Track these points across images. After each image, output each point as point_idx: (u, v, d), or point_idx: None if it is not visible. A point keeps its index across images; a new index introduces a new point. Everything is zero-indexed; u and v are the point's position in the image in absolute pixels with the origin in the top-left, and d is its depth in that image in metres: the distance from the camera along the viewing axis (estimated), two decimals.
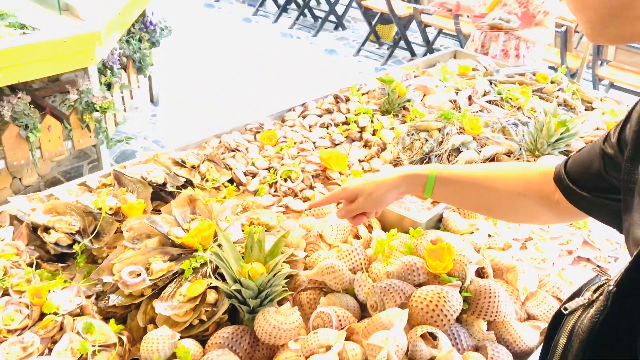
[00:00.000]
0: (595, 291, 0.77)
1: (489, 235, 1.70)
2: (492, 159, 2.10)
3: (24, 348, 1.24)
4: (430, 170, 1.30)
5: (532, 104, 2.44)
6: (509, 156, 2.12)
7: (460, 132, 2.18)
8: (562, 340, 0.77)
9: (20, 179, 3.98)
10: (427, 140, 2.14)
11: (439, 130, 2.18)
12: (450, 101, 2.48)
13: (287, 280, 1.42)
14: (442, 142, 2.13)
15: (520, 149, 2.14)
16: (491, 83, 2.70)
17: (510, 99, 2.51)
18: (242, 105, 5.68)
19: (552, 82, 2.69)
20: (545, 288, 1.52)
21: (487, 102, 2.53)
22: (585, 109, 2.61)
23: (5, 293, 1.39)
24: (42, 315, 1.34)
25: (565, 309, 0.80)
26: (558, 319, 0.81)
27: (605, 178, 0.98)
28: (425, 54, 6.91)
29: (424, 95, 2.54)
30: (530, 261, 1.60)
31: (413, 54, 7.13)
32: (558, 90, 2.64)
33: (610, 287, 0.71)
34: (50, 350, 1.25)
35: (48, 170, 4.18)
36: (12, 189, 3.92)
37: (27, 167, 3.76)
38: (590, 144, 1.08)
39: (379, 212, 1.47)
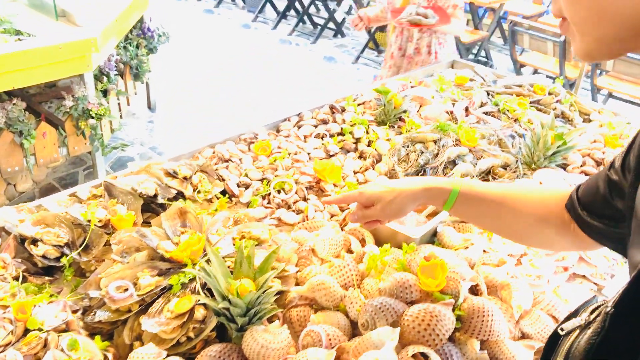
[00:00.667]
0: (592, 312, 0.76)
1: (484, 251, 1.68)
2: (488, 172, 2.08)
3: None
4: (453, 185, 1.26)
5: (529, 116, 2.43)
6: (505, 169, 2.10)
7: (457, 144, 2.16)
8: None
9: (14, 185, 3.95)
10: (422, 152, 2.12)
11: (435, 142, 2.16)
12: (447, 112, 2.46)
13: (277, 296, 1.39)
14: (437, 154, 2.11)
15: (517, 161, 2.12)
16: (488, 94, 2.69)
17: (508, 110, 2.49)
18: (240, 110, 5.67)
19: (549, 94, 2.68)
20: (540, 306, 1.49)
21: (484, 113, 2.51)
22: (583, 121, 2.59)
23: None
24: (27, 331, 1.31)
25: (562, 329, 0.78)
26: (554, 339, 0.79)
27: (612, 205, 0.96)
28: None
29: (420, 106, 2.52)
30: (525, 278, 1.57)
31: None
32: (556, 102, 2.62)
33: (608, 309, 0.69)
34: None
35: (43, 177, 4.15)
36: (6, 195, 3.90)
37: (22, 173, 3.74)
38: (600, 170, 1.05)
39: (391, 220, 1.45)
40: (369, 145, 2.23)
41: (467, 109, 2.52)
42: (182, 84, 6.21)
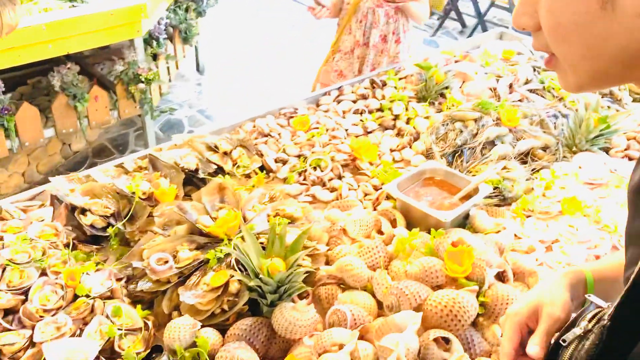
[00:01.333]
0: (590, 320, 0.77)
1: (515, 236, 1.69)
2: (527, 154, 2.06)
3: (57, 328, 1.33)
4: (584, 272, 1.09)
5: (575, 95, 2.36)
6: (545, 151, 2.08)
7: (497, 123, 2.13)
8: None
9: (69, 145, 4.14)
10: (461, 132, 2.11)
11: (475, 120, 2.15)
12: (490, 89, 2.43)
13: (307, 274, 1.45)
14: (476, 134, 2.10)
15: (558, 143, 2.09)
16: (535, 70, 2.62)
17: (553, 88, 2.44)
18: (283, 79, 5.68)
19: None
20: None
21: (528, 90, 2.46)
22: (633, 101, 2.51)
23: (43, 273, 1.48)
24: (75, 296, 1.42)
25: (564, 340, 0.80)
26: (555, 350, 0.81)
27: None
28: (476, 27, 6.71)
29: (463, 82, 2.49)
30: (555, 264, 1.58)
31: (464, 25, 6.94)
32: None
33: (605, 322, 0.71)
34: (81, 331, 1.33)
35: (95, 137, 4.33)
36: (62, 154, 4.10)
37: (76, 134, 3.91)
38: None
39: None
40: (407, 123, 2.23)
41: (511, 86, 2.48)
42: (230, 48, 6.26)
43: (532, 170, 1.98)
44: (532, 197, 1.81)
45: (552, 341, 0.89)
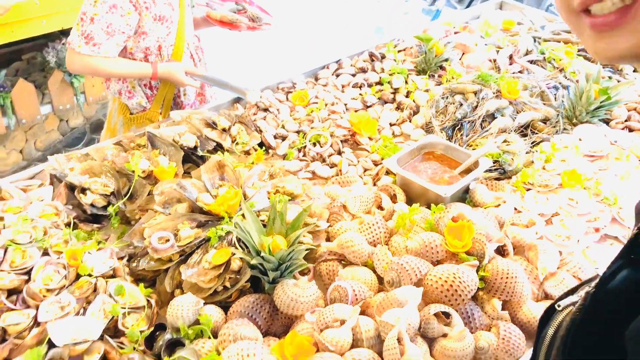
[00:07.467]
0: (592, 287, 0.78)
1: (515, 209, 1.69)
2: (527, 126, 2.05)
3: (61, 307, 1.34)
4: None
5: (576, 66, 2.34)
6: (545, 123, 2.07)
7: (497, 95, 2.12)
8: (550, 332, 0.79)
9: (67, 121, 4.11)
10: (461, 105, 2.10)
11: (475, 93, 2.13)
12: (490, 60, 2.40)
13: (307, 251, 1.46)
14: (476, 106, 2.09)
15: (558, 115, 2.08)
16: (535, 40, 2.60)
17: (554, 59, 2.42)
18: (284, 51, 5.60)
19: None
20: (566, 267, 1.51)
21: (529, 61, 2.44)
22: (634, 71, 2.49)
23: (45, 253, 1.48)
24: (78, 276, 1.43)
25: (559, 305, 0.81)
26: (549, 314, 0.82)
27: None
28: None
29: (463, 53, 2.46)
30: (555, 238, 1.59)
31: None
32: None
33: (590, 288, 0.72)
34: (85, 310, 1.35)
35: (93, 113, 4.29)
36: (60, 131, 4.07)
37: (73, 110, 3.88)
38: None
39: None
40: (407, 96, 2.22)
41: (511, 57, 2.45)
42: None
43: (532, 143, 1.97)
44: (532, 170, 1.80)
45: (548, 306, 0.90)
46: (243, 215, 1.47)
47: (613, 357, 0.66)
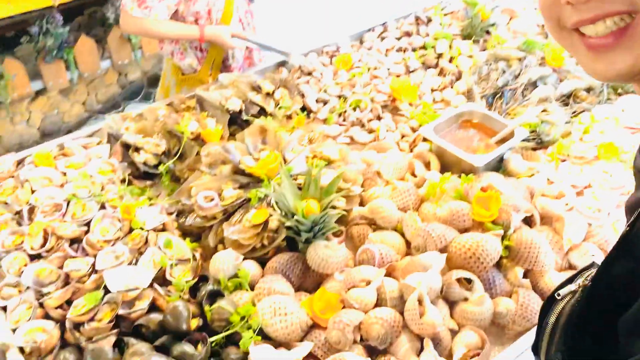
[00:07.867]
0: (587, 278, 0.82)
1: (548, 180, 1.72)
2: (569, 96, 2.04)
3: (116, 257, 1.49)
4: None
5: None
6: (588, 92, 2.05)
7: (541, 63, 2.11)
8: (552, 320, 0.84)
9: (125, 75, 4.29)
10: (504, 72, 2.10)
11: (519, 60, 2.12)
12: (538, 26, 2.37)
13: (339, 215, 1.55)
14: (519, 74, 2.09)
15: (602, 84, 2.05)
16: None
17: None
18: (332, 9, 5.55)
19: None
20: (592, 239, 1.54)
21: None
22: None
23: (102, 206, 1.63)
24: (131, 229, 1.58)
25: (559, 295, 0.86)
26: (550, 303, 0.87)
27: None
28: None
29: (510, 18, 2.43)
30: (585, 209, 1.61)
31: None
32: None
33: (587, 282, 0.77)
34: (137, 260, 1.49)
35: (150, 68, 4.45)
36: (119, 84, 4.26)
37: (131, 65, 4.05)
38: None
39: None
40: (450, 62, 2.23)
41: None
42: None
43: (573, 113, 1.97)
44: (569, 141, 1.81)
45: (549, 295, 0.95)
46: (282, 178, 1.57)
47: (613, 346, 0.68)
